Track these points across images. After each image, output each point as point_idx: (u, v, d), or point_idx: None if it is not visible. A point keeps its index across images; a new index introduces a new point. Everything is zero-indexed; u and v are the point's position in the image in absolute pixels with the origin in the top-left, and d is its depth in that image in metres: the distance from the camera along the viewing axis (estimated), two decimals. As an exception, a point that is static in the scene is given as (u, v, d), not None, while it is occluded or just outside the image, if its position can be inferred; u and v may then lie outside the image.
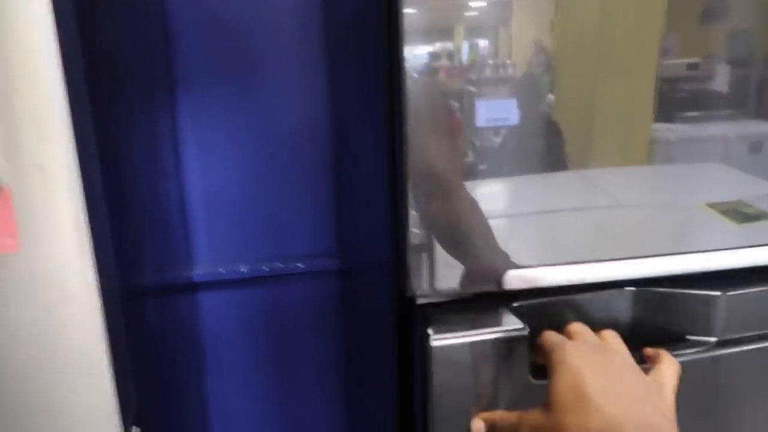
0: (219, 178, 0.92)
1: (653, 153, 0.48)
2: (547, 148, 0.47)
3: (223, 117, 0.89)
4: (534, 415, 0.44)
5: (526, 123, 0.46)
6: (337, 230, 0.95)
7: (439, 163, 0.45)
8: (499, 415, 0.48)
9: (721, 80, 0.46)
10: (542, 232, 0.49)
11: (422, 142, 0.44)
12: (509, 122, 0.46)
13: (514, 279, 0.48)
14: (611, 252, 0.50)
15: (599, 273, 0.50)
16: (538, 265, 0.48)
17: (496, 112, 0.45)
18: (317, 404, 1.01)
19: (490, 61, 0.43)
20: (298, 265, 0.95)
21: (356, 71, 0.76)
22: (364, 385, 0.96)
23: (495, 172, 0.46)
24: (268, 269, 0.94)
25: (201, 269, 0.94)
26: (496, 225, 0.47)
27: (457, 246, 0.47)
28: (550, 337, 0.46)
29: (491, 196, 0.47)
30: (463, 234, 0.47)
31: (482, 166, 0.46)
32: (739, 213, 0.51)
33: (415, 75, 0.43)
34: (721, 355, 0.51)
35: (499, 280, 0.48)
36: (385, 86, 0.46)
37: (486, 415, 0.48)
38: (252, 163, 0.92)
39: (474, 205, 0.46)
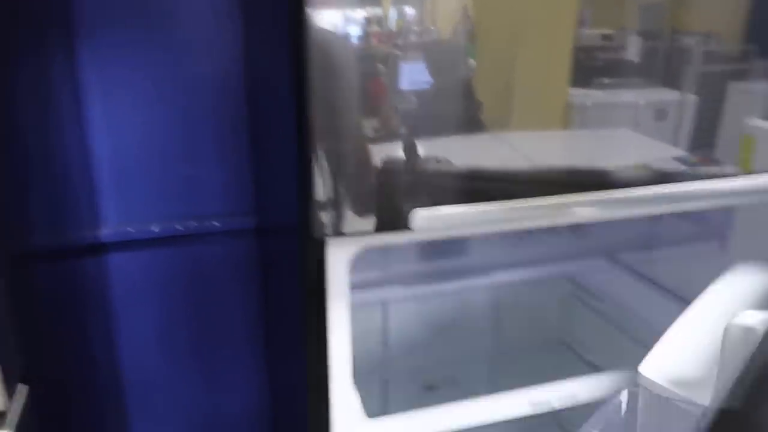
0: (127, 132, 0.87)
1: (569, 118, 0.51)
2: (467, 112, 0.48)
3: (130, 67, 0.84)
4: None
5: (447, 87, 0.46)
6: (254, 188, 0.93)
7: (345, 116, 0.45)
8: None
9: (632, 50, 0.49)
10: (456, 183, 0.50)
11: (328, 97, 0.44)
12: (430, 85, 0.46)
13: (422, 218, 0.49)
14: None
15: (507, 212, 0.52)
16: (446, 204, 0.50)
17: (419, 75, 0.46)
18: (237, 367, 1.02)
19: (415, 27, 0.43)
20: (214, 223, 0.92)
21: (270, 21, 0.73)
22: (284, 344, 0.97)
23: (416, 134, 0.47)
24: (182, 228, 0.91)
25: (108, 229, 0.90)
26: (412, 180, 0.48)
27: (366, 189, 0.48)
28: None
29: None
30: (372, 182, 0.48)
31: (403, 129, 0.46)
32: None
33: (321, 29, 0.42)
34: None
35: (406, 221, 0.49)
36: (295, 38, 0.45)
37: None
38: (162, 117, 0.88)
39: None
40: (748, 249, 0.71)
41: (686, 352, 0.54)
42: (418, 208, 0.48)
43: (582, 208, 0.52)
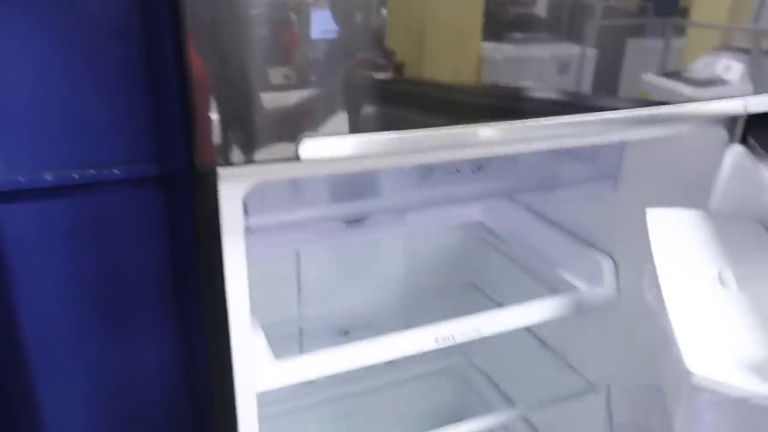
0: (9, 69, 0.80)
1: (481, 71, 0.52)
2: (378, 60, 0.48)
3: (11, 7, 0.76)
4: None
5: (358, 37, 0.46)
6: (155, 134, 0.89)
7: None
8: None
9: (540, 5, 0.50)
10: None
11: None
12: (340, 34, 0.45)
13: (311, 147, 0.49)
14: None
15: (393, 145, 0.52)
16: (335, 134, 0.49)
17: (329, 24, 0.45)
18: (147, 325, 0.99)
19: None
20: (114, 171, 0.88)
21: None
22: (192, 297, 0.96)
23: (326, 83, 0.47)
24: (78, 177, 0.86)
25: (-7, 177, 0.83)
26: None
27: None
28: None
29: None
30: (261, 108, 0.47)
31: (313, 77, 0.46)
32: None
33: None
34: None
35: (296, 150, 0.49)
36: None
37: None
38: (49, 52, 0.81)
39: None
40: (637, 188, 0.77)
41: (730, 335, 0.49)
42: (306, 137, 0.48)
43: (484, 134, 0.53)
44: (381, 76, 0.48)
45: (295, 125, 0.47)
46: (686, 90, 0.59)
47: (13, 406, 0.95)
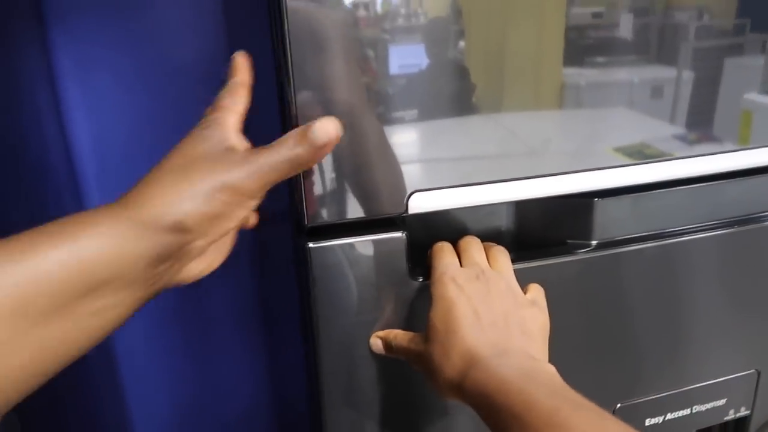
0: (108, 121, 0.88)
1: (564, 98, 0.52)
2: (460, 95, 0.50)
3: (108, 49, 0.84)
4: (417, 340, 0.49)
5: (437, 69, 0.48)
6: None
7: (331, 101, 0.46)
8: (393, 334, 0.53)
9: (624, 28, 0.51)
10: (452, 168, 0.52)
11: (310, 80, 0.45)
12: (421, 68, 0.48)
13: (420, 201, 0.51)
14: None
15: (503, 193, 0.54)
16: (443, 187, 0.52)
17: (409, 59, 0.47)
18: (232, 359, 1.02)
19: (403, 11, 0.45)
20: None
21: (252, 5, 0.74)
22: (281, 331, 0.98)
23: (408, 118, 0.49)
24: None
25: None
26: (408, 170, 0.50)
27: (360, 173, 0.49)
28: (439, 257, 0.51)
29: (405, 141, 0.50)
30: (367, 163, 0.49)
31: (396, 113, 0.48)
32: (642, 155, 0.57)
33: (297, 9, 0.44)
34: (600, 257, 0.58)
35: (404, 202, 0.51)
36: (275, 22, 0.47)
37: (382, 333, 0.53)
38: (144, 104, 0.89)
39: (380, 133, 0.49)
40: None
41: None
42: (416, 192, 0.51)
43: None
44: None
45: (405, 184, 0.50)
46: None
47: (105, 416, 0.99)
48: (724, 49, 0.55)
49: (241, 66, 0.48)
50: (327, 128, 0.41)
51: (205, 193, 0.39)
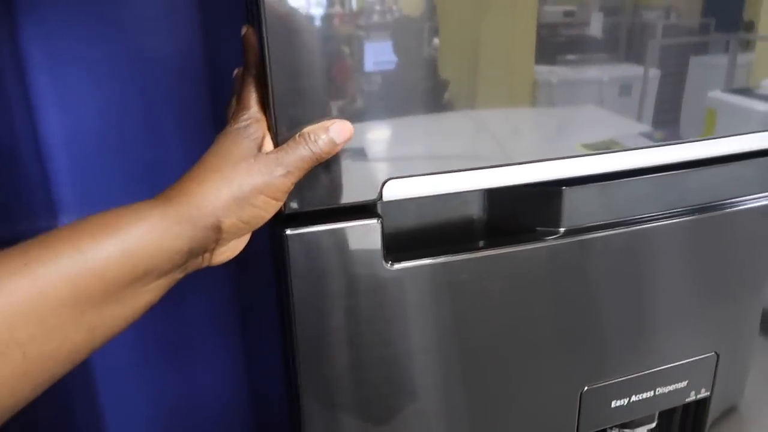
0: (81, 113, 0.88)
1: (535, 94, 0.55)
2: (433, 89, 0.52)
3: (80, 41, 0.84)
4: None
5: (411, 66, 0.50)
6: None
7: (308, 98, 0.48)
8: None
9: (595, 26, 0.53)
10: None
11: (288, 73, 0.47)
12: (395, 64, 0.50)
13: (394, 188, 0.53)
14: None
15: (475, 181, 0.56)
16: (417, 175, 0.54)
17: (383, 55, 0.49)
18: (205, 351, 1.04)
19: (377, 7, 0.47)
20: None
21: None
22: (258, 329, 1.00)
23: (383, 111, 0.51)
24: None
25: (67, 218, 0.91)
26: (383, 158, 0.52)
27: (336, 161, 0.51)
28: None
29: (380, 131, 0.52)
30: (342, 152, 0.50)
31: (371, 106, 0.50)
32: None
33: (279, 9, 0.45)
34: (568, 243, 0.61)
35: (378, 190, 0.53)
36: (253, 14, 0.48)
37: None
38: (118, 96, 0.89)
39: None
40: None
41: None
42: (391, 179, 0.52)
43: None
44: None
45: (380, 171, 0.52)
46: (759, 106, 0.60)
47: (80, 417, 1.01)
48: (690, 48, 0.57)
49: (254, 44, 0.49)
50: (345, 130, 0.47)
51: (244, 198, 0.43)
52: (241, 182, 0.44)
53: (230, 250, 0.48)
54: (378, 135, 0.52)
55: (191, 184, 0.43)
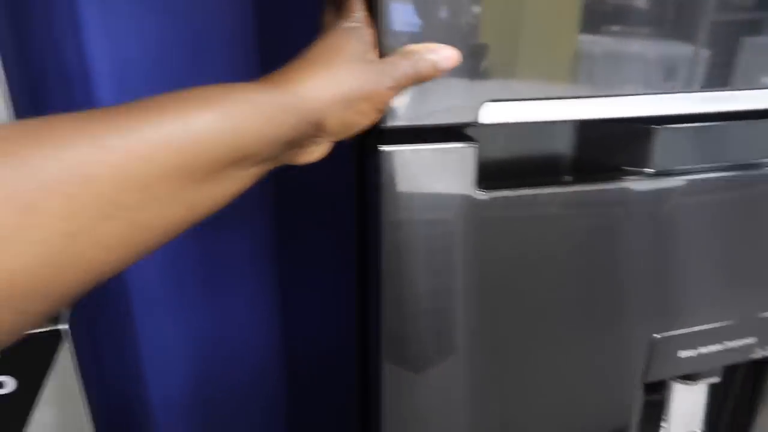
0: (129, 45, 0.86)
1: (578, 66, 0.53)
2: (537, 15, 0.50)
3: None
4: None
5: (450, 32, 0.48)
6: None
7: None
8: None
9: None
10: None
11: None
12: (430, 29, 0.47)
13: (491, 112, 0.52)
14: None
15: (574, 111, 0.54)
16: (515, 99, 0.52)
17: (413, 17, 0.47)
18: (242, 283, 1.03)
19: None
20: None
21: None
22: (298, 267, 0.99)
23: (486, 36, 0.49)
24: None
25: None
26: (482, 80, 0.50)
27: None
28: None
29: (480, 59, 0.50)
30: None
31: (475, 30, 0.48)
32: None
33: None
34: (656, 186, 0.59)
35: (477, 111, 0.51)
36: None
37: None
38: (167, 28, 0.87)
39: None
40: None
41: None
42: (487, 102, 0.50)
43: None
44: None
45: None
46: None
47: (123, 355, 1.01)
48: (742, 25, 0.54)
49: None
50: (451, 57, 0.46)
51: (350, 100, 0.42)
52: (351, 83, 0.42)
53: (317, 152, 0.46)
54: (480, 55, 0.50)
55: (300, 75, 0.41)
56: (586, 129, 0.60)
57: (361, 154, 0.59)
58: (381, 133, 0.51)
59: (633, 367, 0.67)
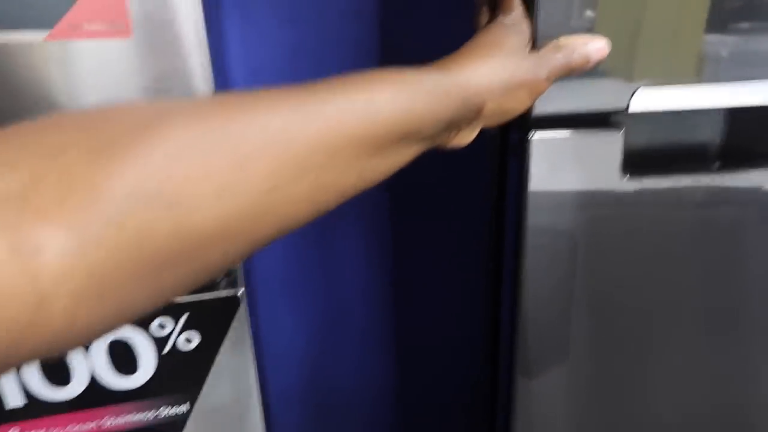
0: (262, 52, 0.92)
1: (703, 67, 0.52)
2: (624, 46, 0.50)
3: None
4: None
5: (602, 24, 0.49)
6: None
7: None
8: None
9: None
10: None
11: None
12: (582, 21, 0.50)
13: (643, 99, 0.52)
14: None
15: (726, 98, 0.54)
16: (669, 84, 0.52)
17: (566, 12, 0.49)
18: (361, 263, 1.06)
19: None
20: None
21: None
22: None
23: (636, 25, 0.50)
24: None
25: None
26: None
27: None
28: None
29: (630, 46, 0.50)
30: None
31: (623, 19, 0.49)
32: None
33: None
34: None
35: (628, 99, 0.52)
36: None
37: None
38: (297, 35, 0.92)
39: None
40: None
41: None
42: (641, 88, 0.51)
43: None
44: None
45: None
46: None
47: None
48: None
49: None
50: (602, 49, 0.46)
51: (509, 87, 0.44)
52: (511, 72, 0.45)
53: (467, 137, 0.48)
54: (631, 43, 0.51)
55: (465, 63, 0.44)
56: (735, 117, 0.59)
57: (503, 143, 0.61)
58: (526, 122, 0.52)
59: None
